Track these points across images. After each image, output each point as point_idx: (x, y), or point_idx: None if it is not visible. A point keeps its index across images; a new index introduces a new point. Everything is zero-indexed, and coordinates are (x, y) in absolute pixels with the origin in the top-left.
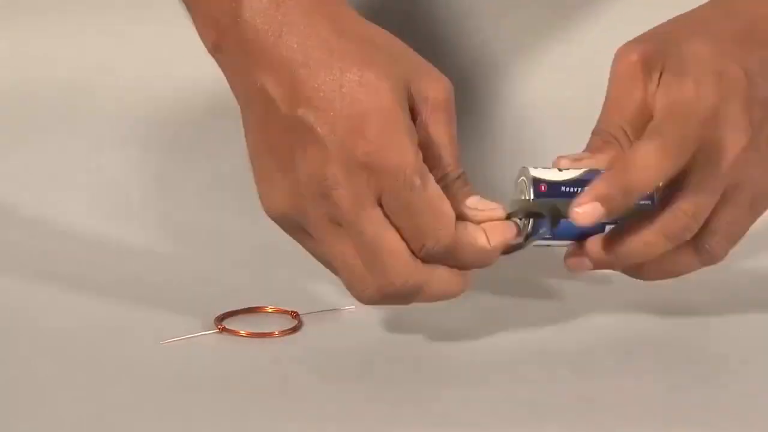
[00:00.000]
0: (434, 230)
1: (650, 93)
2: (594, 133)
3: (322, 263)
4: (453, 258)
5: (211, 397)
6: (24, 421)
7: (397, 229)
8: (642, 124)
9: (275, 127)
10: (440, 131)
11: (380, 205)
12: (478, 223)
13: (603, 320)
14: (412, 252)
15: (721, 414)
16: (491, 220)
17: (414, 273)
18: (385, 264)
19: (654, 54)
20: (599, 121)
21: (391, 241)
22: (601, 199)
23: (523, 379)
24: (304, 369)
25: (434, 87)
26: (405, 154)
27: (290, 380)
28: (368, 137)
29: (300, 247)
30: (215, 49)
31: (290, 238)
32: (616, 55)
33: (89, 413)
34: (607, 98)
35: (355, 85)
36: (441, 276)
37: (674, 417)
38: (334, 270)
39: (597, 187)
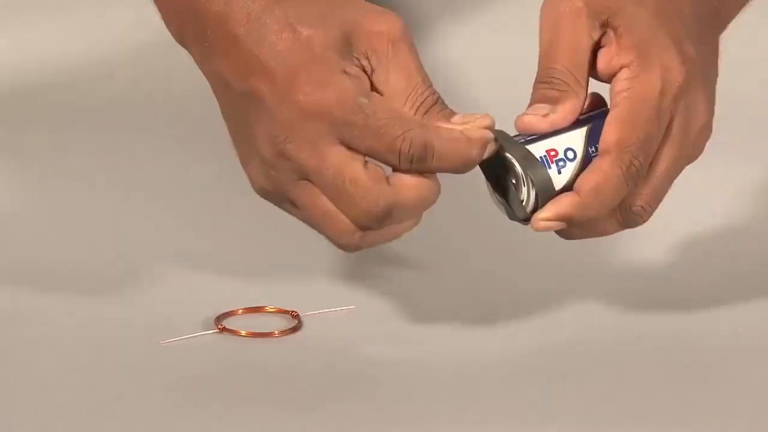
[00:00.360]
0: (403, 135)
1: (593, 42)
2: (542, 81)
3: (313, 228)
4: (432, 158)
5: (211, 397)
6: (24, 421)
7: (370, 155)
8: (587, 68)
9: (236, 108)
10: (403, 61)
11: (343, 145)
12: None
13: (603, 321)
14: (398, 170)
15: (721, 414)
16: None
17: (380, 192)
18: (351, 194)
19: (597, 6)
20: (544, 69)
21: (353, 170)
22: (566, 220)
23: (524, 379)
24: (304, 369)
25: (386, 22)
26: (342, 85)
27: (290, 380)
28: (302, 85)
29: (300, 246)
30: (179, 42)
31: (290, 238)
32: (550, 2)
33: (89, 413)
34: (548, 44)
35: (289, 43)
36: (408, 185)
37: (675, 417)
38: (319, 229)
39: (565, 206)
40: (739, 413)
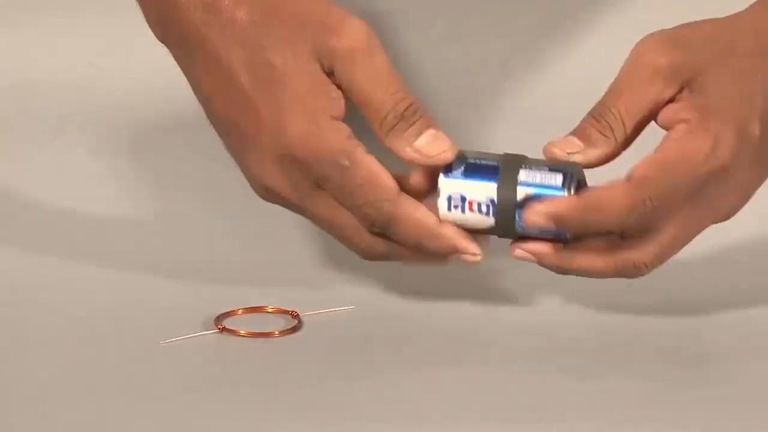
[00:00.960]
0: (374, 201)
1: (661, 100)
2: (592, 114)
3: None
4: (396, 233)
5: (211, 397)
6: (23, 421)
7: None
8: (642, 124)
9: (222, 125)
10: (363, 75)
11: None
12: (422, 167)
13: (603, 320)
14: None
15: (722, 414)
16: (435, 165)
17: (376, 244)
18: (347, 237)
19: (683, 68)
20: (601, 104)
21: (342, 217)
22: (557, 220)
23: (524, 380)
24: (304, 369)
25: (343, 35)
26: (327, 139)
27: (290, 380)
28: (289, 132)
29: (300, 246)
30: (161, 41)
31: (290, 238)
32: (640, 45)
33: (89, 413)
34: (617, 84)
35: (268, 73)
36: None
37: (674, 417)
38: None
39: (560, 205)
40: (739, 415)
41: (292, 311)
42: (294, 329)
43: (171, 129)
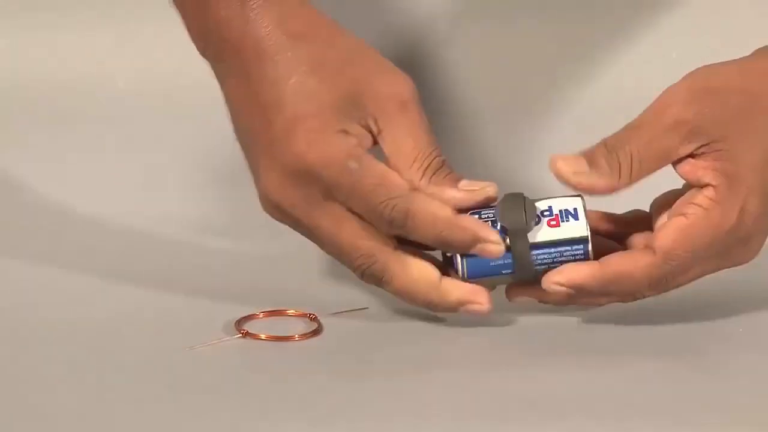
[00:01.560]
0: (387, 200)
1: (677, 155)
2: (605, 144)
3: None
4: (413, 228)
5: (233, 401)
6: (25, 422)
7: (361, 217)
8: (651, 170)
9: (241, 137)
10: (411, 123)
11: (336, 203)
12: (471, 205)
13: (603, 320)
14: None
15: (721, 414)
16: (481, 200)
17: (376, 252)
18: (346, 252)
19: (709, 128)
20: (616, 138)
21: (348, 227)
22: (577, 288)
23: (524, 379)
24: (326, 372)
25: (396, 83)
26: (334, 146)
27: (312, 384)
28: (298, 140)
29: (315, 248)
30: (203, 56)
31: (305, 241)
32: (669, 94)
33: (113, 419)
34: (637, 125)
35: (295, 90)
36: (409, 261)
37: (674, 416)
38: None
39: (580, 274)
40: (739, 415)
41: (311, 314)
42: (315, 332)
43: (178, 129)
